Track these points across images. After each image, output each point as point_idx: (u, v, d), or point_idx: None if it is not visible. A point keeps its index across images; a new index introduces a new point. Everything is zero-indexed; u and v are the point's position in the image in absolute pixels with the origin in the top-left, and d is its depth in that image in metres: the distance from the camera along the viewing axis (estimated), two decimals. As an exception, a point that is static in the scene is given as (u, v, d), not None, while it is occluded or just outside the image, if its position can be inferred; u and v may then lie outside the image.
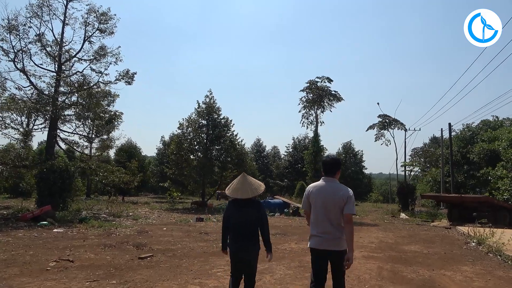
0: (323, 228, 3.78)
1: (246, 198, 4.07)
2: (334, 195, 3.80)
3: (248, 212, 4.06)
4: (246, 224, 4.03)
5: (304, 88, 21.72)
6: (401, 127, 27.80)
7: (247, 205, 4.08)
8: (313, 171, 20.74)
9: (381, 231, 13.95)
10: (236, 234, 4.08)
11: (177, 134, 25.18)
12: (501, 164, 25.93)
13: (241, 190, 4.09)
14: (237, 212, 4.09)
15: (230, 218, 4.15)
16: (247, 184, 4.14)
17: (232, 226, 4.11)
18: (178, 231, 12.87)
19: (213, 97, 25.99)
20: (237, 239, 4.08)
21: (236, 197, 4.09)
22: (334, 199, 3.78)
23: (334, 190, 3.84)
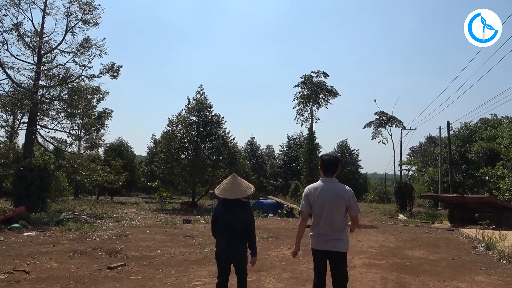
0: (323, 229, 3.73)
1: (235, 199, 4.05)
2: (335, 196, 3.71)
3: (236, 212, 4.05)
4: (234, 224, 4.02)
5: (299, 83, 20.79)
6: (398, 125, 26.97)
7: (235, 206, 4.07)
8: (308, 170, 19.81)
9: (380, 234, 13.04)
10: (224, 234, 4.06)
11: (166, 132, 24.10)
12: (501, 163, 25.18)
13: (230, 191, 4.08)
14: (225, 212, 4.07)
15: (218, 218, 4.13)
16: (237, 185, 4.14)
17: (220, 226, 4.10)
18: (161, 234, 11.86)
19: (204, 93, 25.00)
20: (224, 239, 4.05)
21: (225, 197, 4.06)
22: (335, 201, 3.70)
23: (335, 191, 3.75)
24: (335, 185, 3.81)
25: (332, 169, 3.87)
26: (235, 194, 4.05)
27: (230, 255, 4.05)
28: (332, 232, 3.72)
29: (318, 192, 3.80)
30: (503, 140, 22.11)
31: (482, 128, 32.45)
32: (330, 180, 3.85)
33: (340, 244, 3.73)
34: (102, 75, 19.69)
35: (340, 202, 3.71)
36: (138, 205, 27.05)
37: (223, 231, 4.07)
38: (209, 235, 12.35)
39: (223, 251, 4.08)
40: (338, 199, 3.71)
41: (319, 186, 3.85)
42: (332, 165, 3.88)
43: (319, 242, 3.78)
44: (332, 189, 3.77)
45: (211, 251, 8.94)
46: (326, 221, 3.72)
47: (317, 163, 20.08)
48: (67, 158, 19.08)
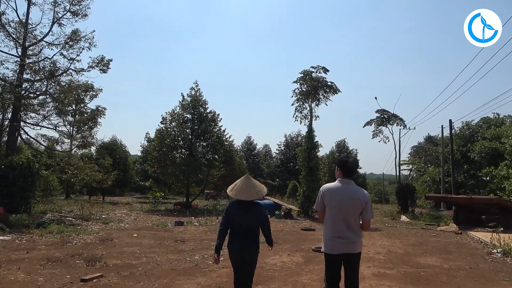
0: (339, 232, 3.68)
1: (249, 201, 4.06)
2: (353, 198, 3.69)
3: (251, 213, 4.05)
4: (248, 225, 4.03)
5: (297, 79, 19.94)
6: (400, 123, 26.21)
7: (250, 207, 4.07)
8: (307, 170, 18.95)
9: (385, 238, 12.19)
10: (238, 235, 4.04)
11: (160, 129, 23.14)
12: (504, 163, 24.45)
13: (246, 192, 4.06)
14: (239, 213, 4.04)
15: (231, 220, 4.08)
16: (252, 186, 4.13)
17: (233, 227, 4.07)
18: (150, 238, 10.95)
19: (199, 90, 24.07)
20: (238, 240, 4.03)
21: (241, 198, 4.04)
22: (353, 203, 3.68)
23: (353, 193, 3.72)
24: (353, 187, 3.78)
25: (352, 171, 3.85)
26: (251, 196, 4.04)
27: (242, 257, 4.03)
28: (349, 235, 3.68)
29: (334, 193, 3.75)
30: (508, 139, 21.32)
31: (484, 127, 31.73)
32: (349, 182, 3.79)
33: (357, 246, 3.74)
34: (91, 69, 18.71)
35: (358, 205, 3.69)
36: (131, 205, 26.11)
37: (237, 232, 4.06)
38: (201, 239, 11.48)
39: (236, 251, 4.04)
40: (356, 201, 3.68)
41: (337, 187, 3.78)
42: (352, 167, 3.85)
43: (336, 245, 3.69)
44: (351, 191, 3.73)
45: (202, 258, 8.07)
46: (343, 223, 3.68)
47: (316, 162, 19.26)
48: (53, 156, 18.07)
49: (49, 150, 19.82)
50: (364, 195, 3.73)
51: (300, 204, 19.29)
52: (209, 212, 20.75)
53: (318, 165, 19.33)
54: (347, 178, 3.81)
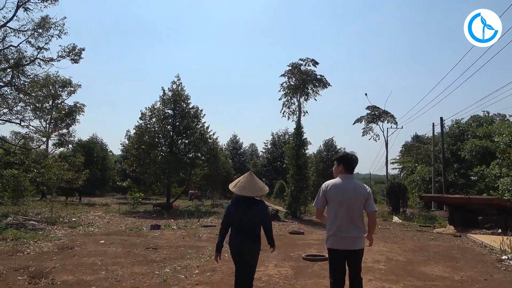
0: (344, 227, 3.70)
1: (251, 197, 4.10)
2: (356, 193, 3.74)
3: (253, 210, 4.05)
4: (250, 222, 4.03)
5: (285, 72, 18.79)
6: (391, 120, 25.36)
7: (252, 204, 4.08)
8: (295, 168, 17.82)
9: (381, 242, 11.13)
10: (239, 231, 4.04)
11: (138, 126, 21.67)
12: (496, 162, 23.86)
13: (250, 188, 4.08)
14: (242, 210, 4.04)
15: (233, 216, 4.08)
16: (255, 182, 4.19)
17: (235, 224, 4.08)
18: (118, 245, 9.64)
19: (181, 84, 22.72)
20: (239, 236, 4.03)
21: (246, 194, 4.05)
22: (357, 197, 3.73)
23: (356, 188, 3.78)
24: (355, 182, 3.86)
25: (353, 167, 3.95)
26: (255, 192, 4.07)
27: (242, 253, 4.02)
28: (353, 230, 3.70)
29: (340, 188, 3.78)
30: (502, 137, 20.63)
31: (474, 125, 31.24)
32: (351, 177, 3.87)
33: (361, 241, 3.75)
34: (61, 59, 17.15)
35: (361, 199, 3.75)
36: (108, 206, 24.59)
37: (238, 229, 4.05)
38: (177, 245, 10.20)
39: (235, 248, 4.04)
40: (359, 195, 3.75)
41: (340, 182, 3.81)
42: (354, 163, 3.97)
43: (340, 241, 3.72)
44: (354, 185, 3.80)
45: (173, 271, 6.83)
46: (348, 218, 3.71)
47: (305, 160, 18.17)
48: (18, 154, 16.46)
49: (16, 147, 18.15)
50: (365, 188, 3.83)
51: (287, 205, 18.17)
52: (191, 214, 19.45)
53: (307, 164, 18.23)
54: (348, 174, 3.87)
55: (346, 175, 3.85)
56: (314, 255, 8.30)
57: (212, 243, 10.27)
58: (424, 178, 31.73)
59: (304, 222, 16.53)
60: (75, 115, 36.30)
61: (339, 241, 3.70)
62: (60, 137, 34.89)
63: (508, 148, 20.22)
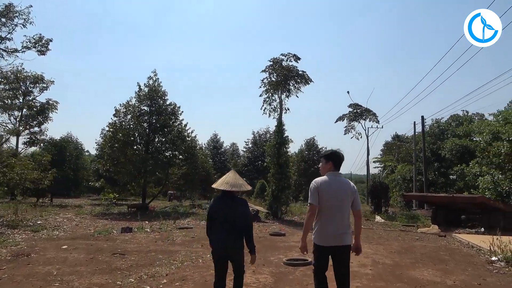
0: (335, 225, 3.72)
1: (233, 195, 4.14)
2: (345, 190, 3.77)
3: (236, 206, 4.08)
4: (233, 218, 4.02)
5: (266, 68, 18.15)
6: (373, 118, 25.12)
7: (234, 201, 4.12)
8: (276, 167, 17.21)
9: (366, 244, 10.60)
10: (222, 227, 4.02)
11: (112, 123, 20.60)
12: (475, 161, 23.93)
13: (231, 183, 4.13)
14: (224, 206, 4.09)
15: (216, 214, 4.11)
16: (237, 179, 4.23)
17: (217, 221, 4.07)
18: (82, 250, 8.76)
19: (158, 79, 21.74)
20: (222, 232, 4.01)
21: (228, 189, 4.08)
22: (345, 194, 3.75)
23: (345, 185, 3.82)
24: (343, 179, 3.88)
25: (341, 164, 3.96)
26: (237, 186, 4.10)
27: (227, 248, 3.99)
28: (342, 227, 3.73)
29: (330, 185, 3.78)
30: (483, 136, 20.60)
31: (454, 125, 31.47)
32: (339, 175, 3.91)
33: (348, 237, 3.76)
34: (26, 50, 16.03)
35: (349, 196, 3.77)
36: (81, 208, 23.36)
37: (221, 224, 4.03)
38: (148, 250, 9.39)
39: (221, 243, 4.01)
40: (347, 192, 3.77)
41: (330, 179, 3.82)
42: (342, 161, 3.97)
43: (328, 238, 3.73)
44: (342, 182, 3.82)
45: (138, 281, 6.07)
46: (339, 215, 3.73)
47: (286, 158, 17.58)
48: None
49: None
50: (352, 185, 3.86)
51: (268, 205, 17.53)
52: (168, 215, 18.57)
53: (288, 162, 17.64)
54: (337, 171, 3.90)
55: (334, 172, 3.88)
56: (296, 260, 7.68)
57: (186, 246, 9.53)
58: (405, 177, 31.73)
59: (285, 223, 15.94)
60: (48, 112, 34.70)
61: (328, 238, 3.72)
62: (31, 135, 33.40)
63: (489, 146, 20.19)
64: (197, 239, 10.77)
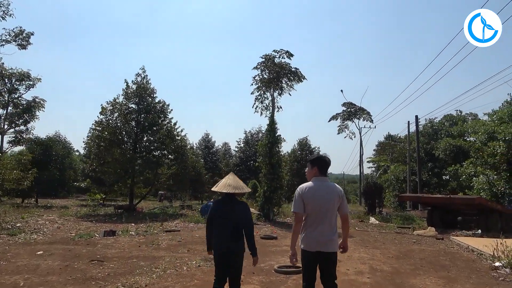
0: (322, 230, 3.66)
1: (234, 198, 4.12)
2: (331, 194, 3.72)
3: (238, 209, 4.06)
4: (235, 220, 4.01)
5: (258, 65, 17.60)
6: (367, 118, 24.68)
7: (235, 203, 4.10)
8: (268, 167, 16.66)
9: (361, 247, 10.12)
10: (223, 230, 4.01)
11: (99, 121, 19.86)
12: (470, 161, 23.65)
13: (232, 186, 4.08)
14: (225, 209, 4.06)
15: (217, 216, 4.08)
16: (237, 181, 4.21)
17: (218, 223, 4.05)
18: (58, 257, 8.12)
19: (147, 76, 21.04)
20: (224, 234, 3.99)
21: (228, 191, 4.05)
22: (331, 199, 3.70)
23: (330, 189, 3.76)
24: (329, 183, 3.82)
25: (327, 169, 3.90)
26: (237, 189, 4.07)
27: (229, 249, 3.96)
28: (329, 232, 3.67)
29: (315, 191, 3.72)
30: (478, 136, 20.29)
31: (447, 125, 31.22)
32: (325, 179, 3.83)
33: (335, 244, 3.69)
34: (5, 43, 15.28)
35: (336, 201, 3.71)
36: (67, 209, 22.57)
37: (224, 227, 4.00)
38: (129, 256, 8.75)
39: (222, 243, 3.98)
40: (334, 197, 3.70)
41: (315, 185, 3.77)
42: (327, 165, 3.91)
43: (315, 243, 3.66)
44: (328, 187, 3.76)
45: (113, 293, 5.46)
46: (325, 220, 3.67)
47: (278, 158, 17.04)
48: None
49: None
50: (339, 189, 3.80)
51: (259, 206, 16.99)
52: (155, 216, 17.92)
53: (281, 162, 17.10)
54: (323, 176, 3.83)
55: (320, 177, 3.81)
56: (288, 267, 7.13)
57: (171, 252, 8.93)
58: (399, 178, 31.40)
59: (277, 225, 15.41)
60: (34, 111, 33.79)
61: (315, 243, 3.66)
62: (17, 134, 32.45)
63: (484, 146, 19.88)
64: (183, 244, 10.17)
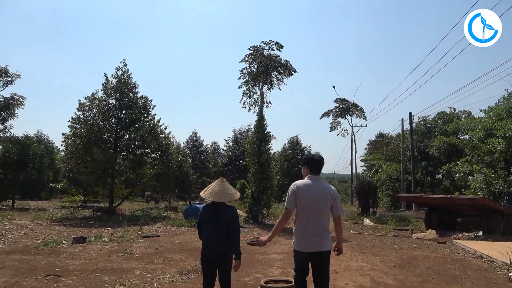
0: (314, 229, 3.60)
1: (222, 204, 4.05)
2: (325, 194, 3.66)
3: (225, 214, 4.03)
4: (223, 225, 3.96)
5: (246, 57, 16.53)
6: (360, 114, 23.78)
7: (223, 209, 4.06)
8: (257, 166, 15.63)
9: (358, 254, 9.13)
10: (212, 233, 3.98)
11: (76, 118, 18.56)
12: (465, 159, 22.95)
13: (219, 194, 4.03)
14: (213, 215, 4.02)
15: (206, 222, 4.05)
16: (225, 189, 4.16)
17: (207, 229, 4.02)
18: (9, 270, 6.95)
19: (128, 70, 19.82)
20: (212, 237, 3.97)
21: (214, 200, 4.01)
22: (325, 199, 3.64)
23: (324, 188, 3.69)
24: (323, 183, 3.77)
25: (320, 168, 3.84)
26: (224, 197, 4.03)
27: (220, 252, 3.90)
28: (322, 232, 3.60)
29: (308, 189, 3.66)
30: (475, 132, 19.54)
31: (441, 122, 30.55)
32: (318, 178, 3.78)
33: (328, 243, 3.63)
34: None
35: (329, 200, 3.64)
36: (44, 212, 21.23)
37: (212, 231, 3.97)
38: (94, 269, 7.51)
39: (212, 245, 3.93)
40: (327, 196, 3.64)
41: (308, 183, 3.70)
42: (321, 164, 3.86)
43: (308, 243, 3.59)
44: (322, 187, 3.69)
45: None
46: (318, 219, 3.60)
47: (267, 156, 16.02)
48: None
49: None
50: (333, 190, 3.73)
51: (248, 208, 15.94)
52: (136, 220, 16.75)
53: (270, 161, 16.07)
54: (315, 175, 3.76)
55: (313, 176, 3.76)
56: (276, 281, 6.09)
57: (145, 262, 7.81)
58: (391, 177, 30.61)
59: (266, 228, 14.38)
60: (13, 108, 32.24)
61: (308, 243, 3.59)
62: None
63: (481, 144, 19.14)
64: (160, 252, 9.06)
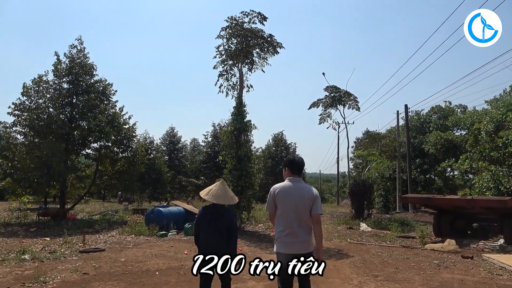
0: (293, 231, 3.59)
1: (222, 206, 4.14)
2: (304, 196, 3.66)
3: (224, 218, 4.07)
4: (223, 227, 4.01)
5: (222, 31, 13.80)
6: (353, 104, 21.39)
7: (223, 212, 4.11)
8: (235, 161, 13.00)
9: (371, 280, 6.57)
10: (211, 234, 4.02)
11: (19, 104, 15.43)
12: (465, 156, 20.89)
13: (222, 197, 4.14)
14: (213, 218, 4.07)
15: (204, 224, 4.09)
16: (227, 191, 4.26)
17: (207, 229, 4.06)
18: None
19: (84, 49, 16.81)
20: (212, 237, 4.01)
21: (219, 202, 4.09)
22: (304, 200, 3.64)
23: (303, 190, 3.71)
24: (302, 184, 3.78)
25: (300, 169, 3.87)
26: (227, 200, 4.15)
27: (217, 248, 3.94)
28: (302, 233, 3.60)
29: (287, 191, 3.68)
30: (484, 125, 17.37)
31: (436, 117, 28.55)
32: (298, 180, 3.80)
33: (309, 245, 3.62)
34: None
35: (308, 201, 3.64)
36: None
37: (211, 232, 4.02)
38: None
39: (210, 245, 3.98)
40: (306, 197, 3.65)
41: (288, 185, 3.73)
42: (301, 166, 3.89)
43: (288, 245, 3.58)
44: (301, 189, 3.71)
45: None
46: (296, 221, 3.60)
47: (247, 149, 13.39)
48: None
49: None
50: (312, 190, 3.73)
51: (224, 211, 13.23)
52: (90, 225, 13.88)
53: (251, 155, 13.44)
54: (295, 176, 3.78)
55: (293, 178, 3.76)
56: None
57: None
58: (383, 175, 28.39)
59: (246, 236, 11.74)
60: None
61: (288, 245, 3.57)
62: None
63: (489, 137, 17.00)
64: (88, 280, 6.27)
